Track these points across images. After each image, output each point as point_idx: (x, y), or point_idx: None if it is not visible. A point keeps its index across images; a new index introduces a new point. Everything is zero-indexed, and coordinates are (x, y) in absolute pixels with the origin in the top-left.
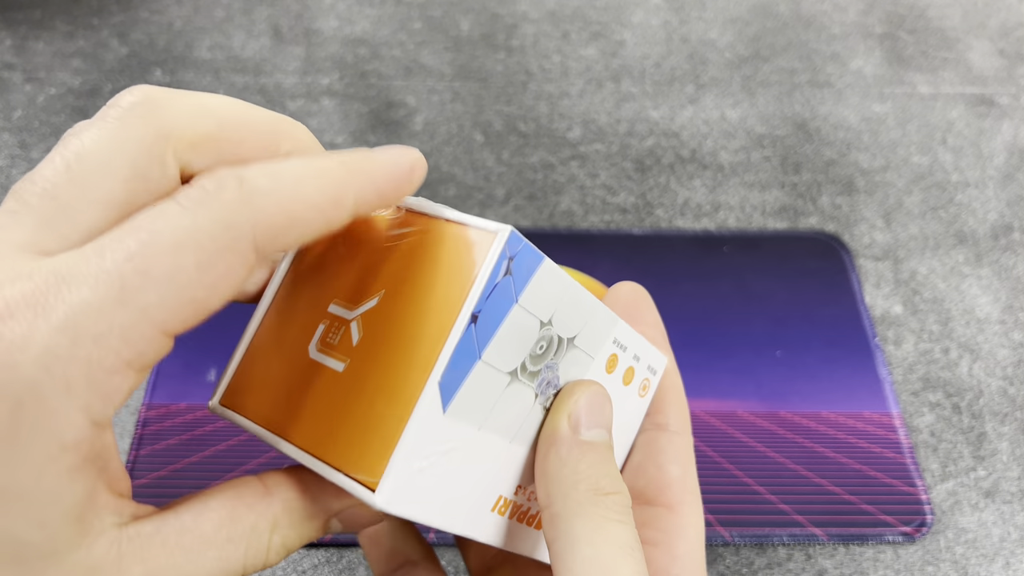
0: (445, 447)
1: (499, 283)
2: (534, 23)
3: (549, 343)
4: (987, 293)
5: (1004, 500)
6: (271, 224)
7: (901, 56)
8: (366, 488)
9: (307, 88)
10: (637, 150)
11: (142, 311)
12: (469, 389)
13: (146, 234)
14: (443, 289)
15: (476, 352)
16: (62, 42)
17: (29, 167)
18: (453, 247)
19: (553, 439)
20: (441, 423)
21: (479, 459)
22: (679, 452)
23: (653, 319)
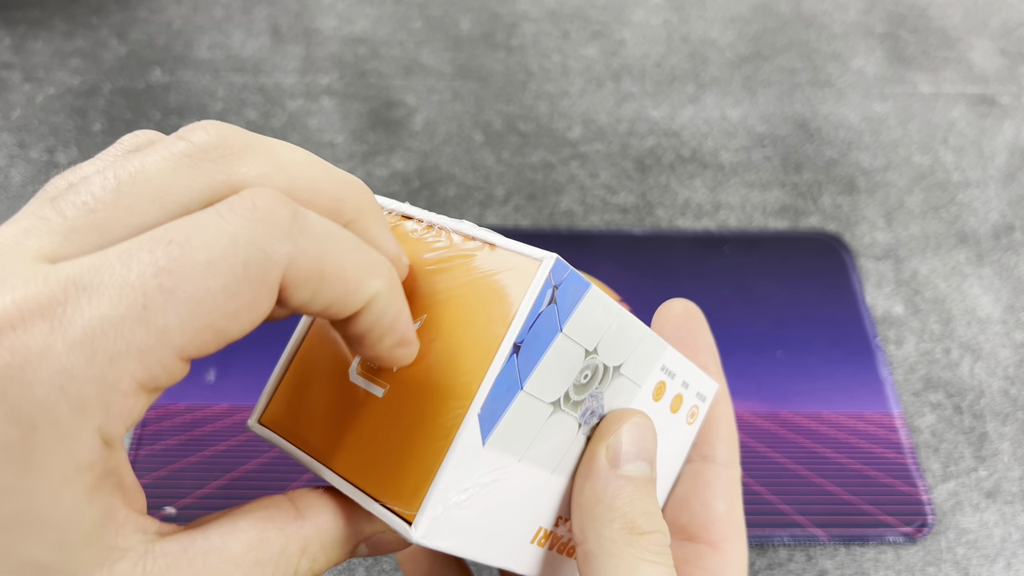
0: (485, 480)
1: (543, 312)
2: (534, 22)
3: (594, 372)
4: (988, 293)
5: (1005, 501)
6: (304, 269)
7: (902, 55)
8: (403, 520)
9: (306, 87)
10: (637, 150)
11: (162, 333)
12: (510, 420)
13: (178, 249)
14: (485, 317)
15: (518, 383)
16: (61, 41)
17: (28, 166)
18: (497, 274)
19: (590, 471)
20: (480, 455)
21: (520, 491)
22: (726, 487)
23: (705, 342)
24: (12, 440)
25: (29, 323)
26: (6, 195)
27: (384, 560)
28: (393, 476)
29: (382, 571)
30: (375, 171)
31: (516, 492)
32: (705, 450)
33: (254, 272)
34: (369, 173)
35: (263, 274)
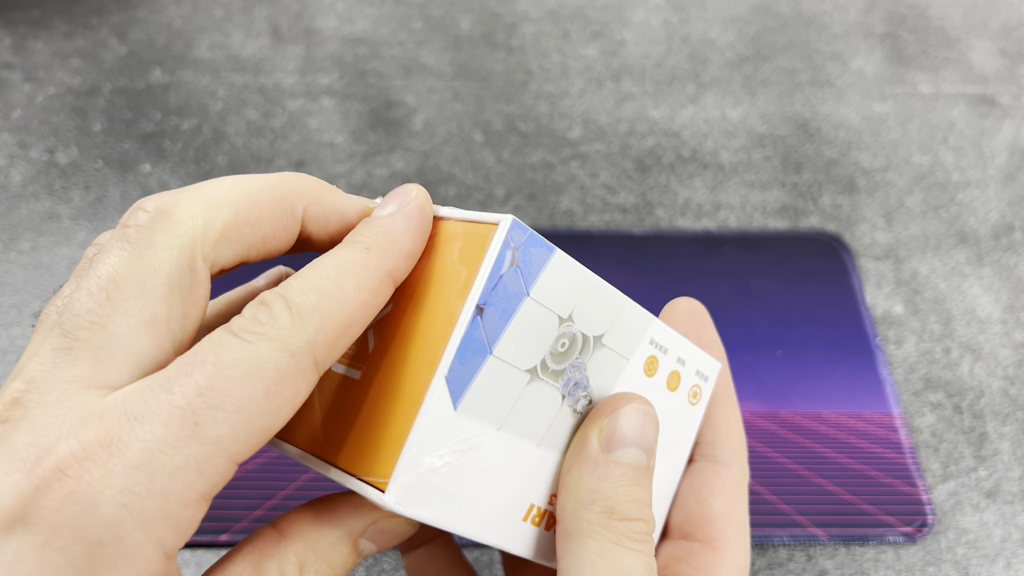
0: (461, 446)
1: (504, 274)
2: (534, 22)
3: (572, 340)
4: (988, 293)
5: (1005, 500)
6: (328, 339)
7: (902, 55)
8: (376, 489)
9: (306, 87)
10: (637, 150)
11: (216, 444)
12: (482, 385)
13: (212, 367)
14: (449, 287)
15: (486, 347)
16: (61, 41)
17: (28, 166)
18: (456, 245)
19: (579, 452)
20: (454, 420)
21: (503, 463)
22: (725, 485)
23: (710, 339)
24: (78, 557)
25: (91, 456)
26: (6, 195)
27: (384, 560)
28: (368, 449)
29: (382, 571)
30: (375, 171)
31: (499, 463)
32: (706, 448)
33: (286, 370)
34: (369, 173)
35: (295, 368)
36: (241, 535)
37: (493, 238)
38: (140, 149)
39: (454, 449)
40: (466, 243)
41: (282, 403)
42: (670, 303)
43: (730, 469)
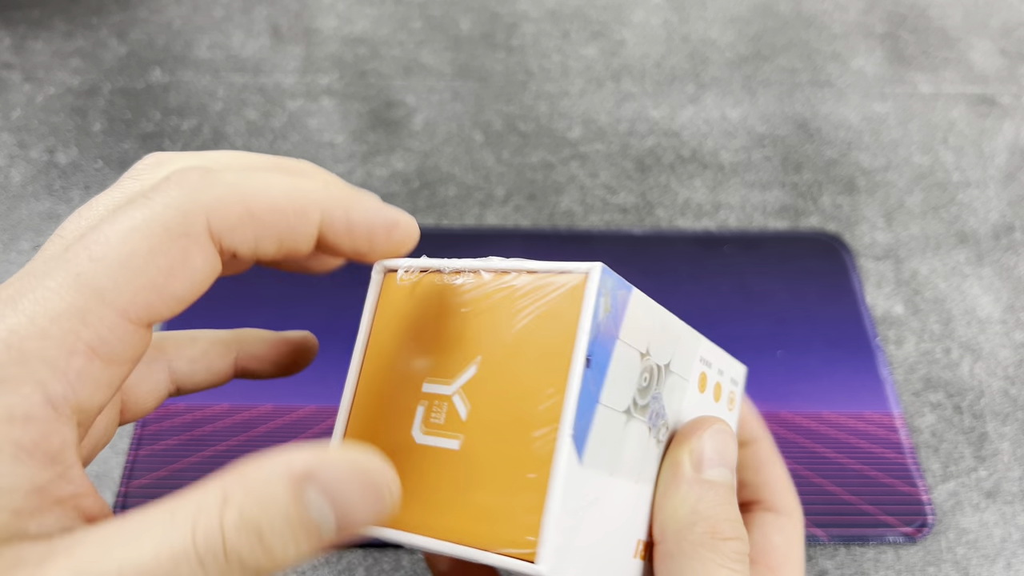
0: (587, 500)
1: (601, 322)
2: (534, 22)
3: (651, 374)
4: (988, 293)
5: (1005, 501)
6: (228, 213)
7: (902, 55)
8: (524, 561)
9: (306, 87)
10: (637, 150)
11: (97, 294)
12: (596, 435)
13: (106, 225)
14: (546, 340)
15: (595, 396)
16: (61, 41)
17: (28, 167)
18: (545, 296)
19: (675, 475)
20: (580, 476)
21: (617, 506)
22: (784, 527)
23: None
24: None
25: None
26: (6, 195)
27: (384, 560)
28: (499, 522)
29: (382, 571)
30: (375, 171)
31: (615, 508)
32: (766, 505)
33: (176, 229)
34: (369, 173)
35: (185, 229)
36: None
37: (587, 288)
38: (140, 149)
39: (582, 504)
40: (555, 294)
41: (172, 265)
42: None
43: (787, 517)
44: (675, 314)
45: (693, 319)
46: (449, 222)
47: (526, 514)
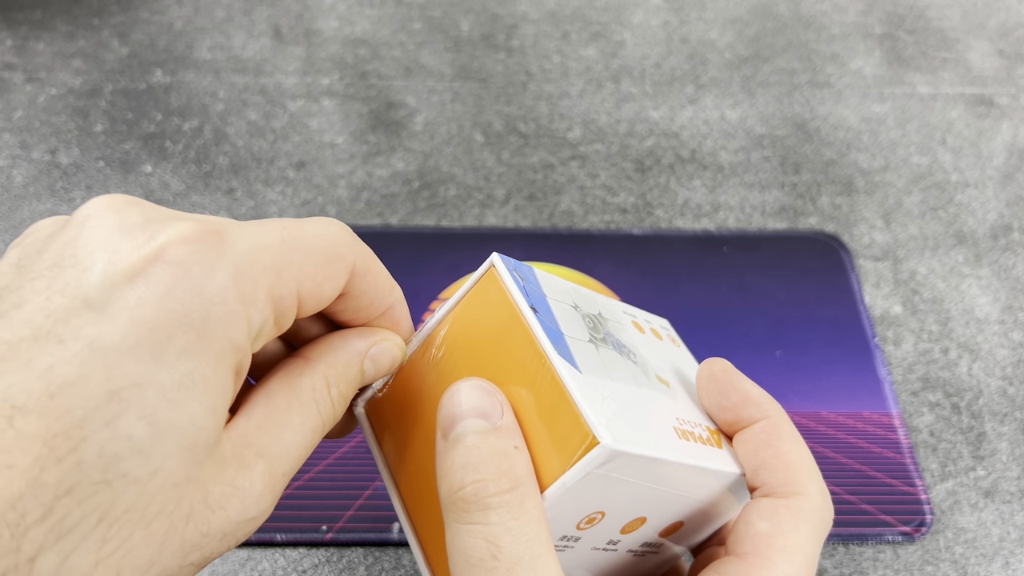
0: (602, 395)
1: (523, 286)
2: (534, 23)
3: (591, 320)
4: (986, 293)
5: (1003, 500)
6: (364, 265)
7: (901, 56)
8: (592, 450)
9: (307, 88)
10: (637, 150)
11: (291, 260)
12: (578, 355)
13: (294, 226)
14: (498, 331)
15: (558, 330)
16: (63, 42)
17: (30, 167)
18: (478, 301)
19: (436, 450)
20: (586, 379)
21: (630, 400)
22: (776, 511)
23: (741, 395)
24: (194, 308)
25: (204, 242)
26: (8, 195)
27: (384, 559)
28: (557, 449)
29: (383, 570)
30: (375, 171)
31: (631, 399)
32: (764, 489)
33: (341, 251)
34: (370, 174)
35: (345, 254)
36: None
37: (496, 269)
38: (141, 150)
39: (603, 396)
40: (478, 298)
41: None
42: (698, 370)
43: (787, 499)
44: (675, 314)
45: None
46: (449, 222)
47: (571, 427)
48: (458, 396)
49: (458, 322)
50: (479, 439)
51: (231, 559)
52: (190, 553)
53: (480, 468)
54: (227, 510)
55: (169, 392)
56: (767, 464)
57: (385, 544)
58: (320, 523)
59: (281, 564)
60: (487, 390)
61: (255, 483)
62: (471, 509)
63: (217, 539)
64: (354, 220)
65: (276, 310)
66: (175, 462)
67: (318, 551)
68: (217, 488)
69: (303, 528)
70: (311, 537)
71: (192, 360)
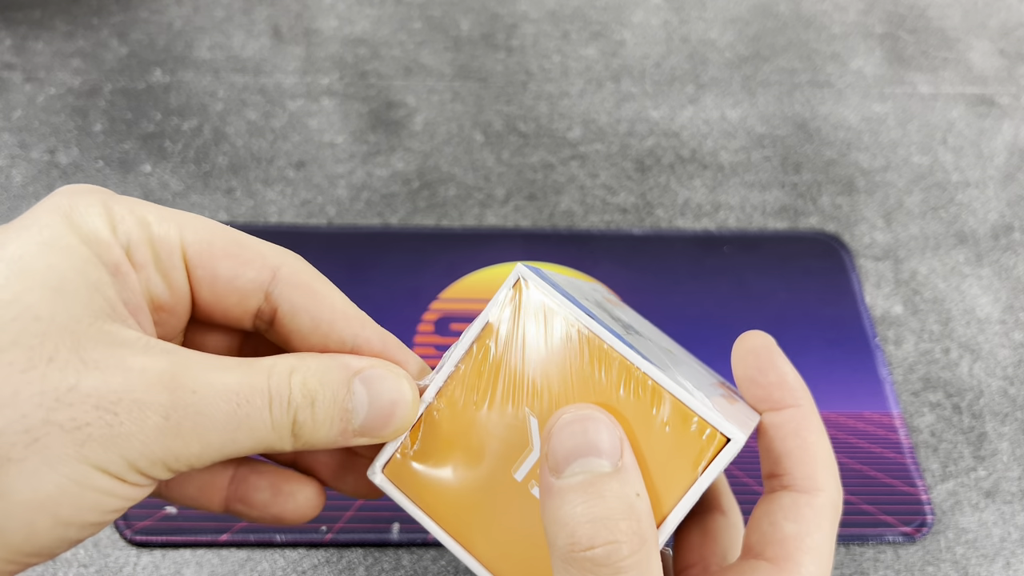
0: (689, 388)
1: (563, 293)
2: (534, 23)
3: (602, 308)
4: (987, 293)
5: (1004, 500)
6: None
7: (901, 56)
8: (720, 449)
9: (307, 88)
10: (637, 150)
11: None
12: (647, 352)
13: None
14: (552, 348)
15: (618, 333)
16: (62, 42)
17: (29, 167)
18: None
19: (541, 486)
20: (670, 375)
21: (690, 379)
22: (801, 511)
23: (779, 376)
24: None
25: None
26: (7, 195)
27: (384, 560)
28: (688, 450)
29: (383, 570)
30: (375, 171)
31: (692, 380)
32: (785, 479)
33: (259, 248)
34: (369, 173)
35: (264, 251)
36: (241, 535)
37: (527, 280)
38: (141, 149)
39: (695, 387)
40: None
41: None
42: (739, 340)
43: (809, 496)
44: (675, 314)
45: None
46: (449, 222)
47: (686, 430)
48: (572, 427)
49: (498, 345)
50: (603, 486)
51: (230, 560)
52: (56, 408)
53: (611, 527)
54: (104, 372)
55: (30, 247)
56: (792, 455)
57: (385, 545)
58: (320, 523)
59: (280, 565)
60: (603, 421)
61: (148, 367)
62: (602, 573)
63: (91, 405)
64: (354, 220)
65: (153, 248)
66: (36, 296)
67: (318, 552)
68: (98, 350)
69: (302, 528)
70: (310, 538)
71: (57, 229)
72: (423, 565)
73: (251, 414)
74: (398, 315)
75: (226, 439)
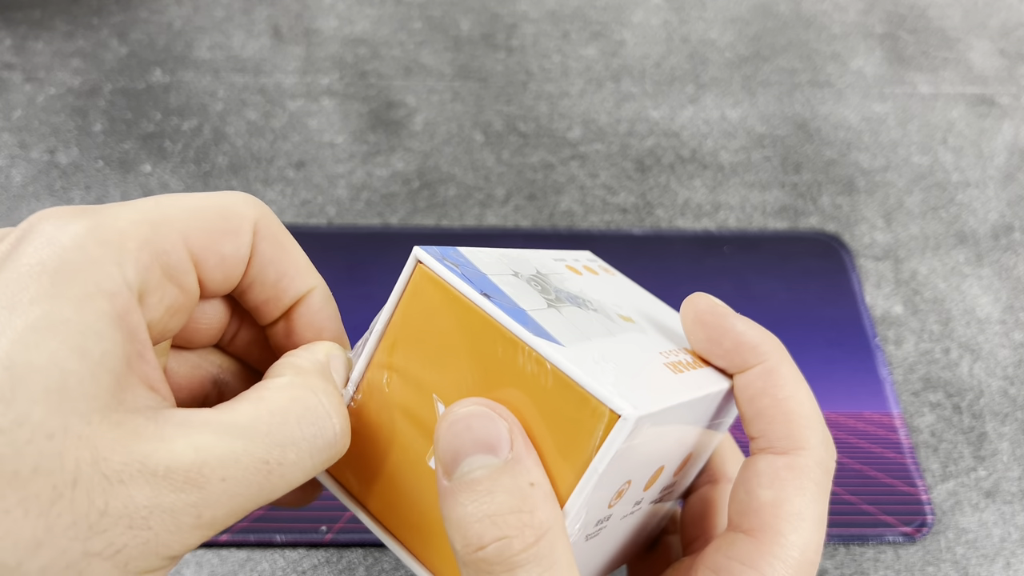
0: (592, 359)
1: (462, 272)
2: (534, 23)
3: (535, 282)
4: (988, 293)
5: (1005, 500)
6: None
7: (902, 56)
8: (611, 426)
9: (307, 88)
10: (637, 150)
11: (168, 220)
12: (550, 326)
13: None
14: (449, 330)
15: (519, 308)
16: (62, 42)
17: (29, 167)
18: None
19: (438, 488)
20: (570, 351)
21: (616, 350)
22: (778, 475)
23: (735, 339)
24: (46, 259)
25: (66, 210)
26: (7, 195)
27: (383, 560)
28: (579, 431)
29: (382, 571)
30: (375, 171)
31: (619, 351)
32: (761, 442)
33: (237, 208)
34: (369, 173)
35: (243, 211)
36: (241, 535)
37: (428, 265)
38: (141, 149)
39: (595, 359)
40: (417, 294)
41: (222, 230)
42: (682, 308)
43: (789, 457)
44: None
45: None
46: (449, 222)
47: (580, 409)
48: (456, 426)
49: (402, 337)
50: (491, 482)
51: (230, 560)
52: (91, 537)
53: (500, 523)
54: (129, 487)
55: (23, 335)
56: (764, 414)
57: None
58: (319, 524)
59: (280, 565)
60: (487, 415)
61: (172, 467)
62: (496, 571)
63: (125, 526)
64: (354, 220)
65: (162, 262)
66: (43, 409)
67: (317, 552)
68: (117, 457)
69: (302, 529)
70: (310, 538)
71: (46, 303)
72: None
73: (286, 473)
74: None
75: (262, 501)
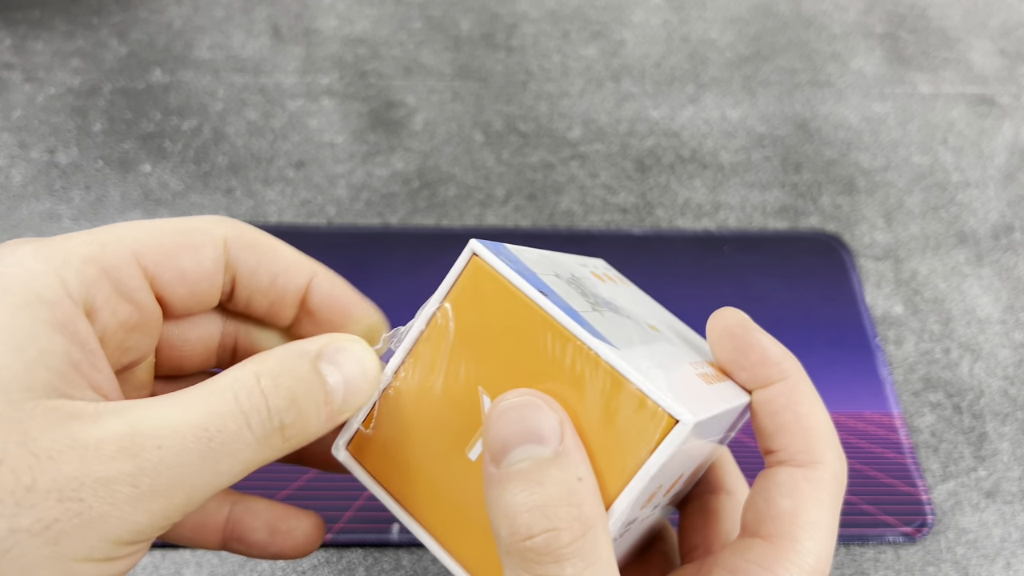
0: (645, 366)
1: (520, 269)
2: (534, 23)
3: (576, 284)
4: (988, 293)
5: (1005, 500)
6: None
7: (902, 56)
8: (669, 431)
9: (307, 88)
10: (637, 150)
11: (117, 236)
12: (602, 329)
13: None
14: (504, 322)
15: (572, 309)
16: (61, 42)
17: (29, 167)
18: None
19: (484, 476)
20: (625, 354)
21: (661, 359)
22: (798, 486)
23: (760, 354)
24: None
25: (19, 240)
26: (6, 195)
27: (383, 560)
28: (633, 431)
29: (382, 571)
30: (375, 171)
31: (661, 357)
32: (782, 455)
33: (197, 224)
34: (369, 173)
35: (205, 227)
36: None
37: (486, 260)
38: (140, 149)
39: (649, 367)
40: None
41: (183, 244)
42: (710, 321)
43: (807, 470)
44: (675, 315)
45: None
46: (449, 222)
47: (637, 412)
48: (508, 414)
49: (452, 323)
50: (541, 473)
51: (230, 560)
52: (18, 513)
53: (550, 514)
54: (58, 461)
55: None
56: (785, 429)
57: (385, 545)
58: None
59: (280, 565)
60: (539, 406)
61: (103, 438)
62: (543, 561)
63: (55, 500)
64: (354, 220)
65: (112, 278)
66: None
67: (317, 552)
68: (47, 436)
69: None
70: None
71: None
72: (423, 565)
73: (227, 442)
74: (398, 315)
75: (210, 477)
